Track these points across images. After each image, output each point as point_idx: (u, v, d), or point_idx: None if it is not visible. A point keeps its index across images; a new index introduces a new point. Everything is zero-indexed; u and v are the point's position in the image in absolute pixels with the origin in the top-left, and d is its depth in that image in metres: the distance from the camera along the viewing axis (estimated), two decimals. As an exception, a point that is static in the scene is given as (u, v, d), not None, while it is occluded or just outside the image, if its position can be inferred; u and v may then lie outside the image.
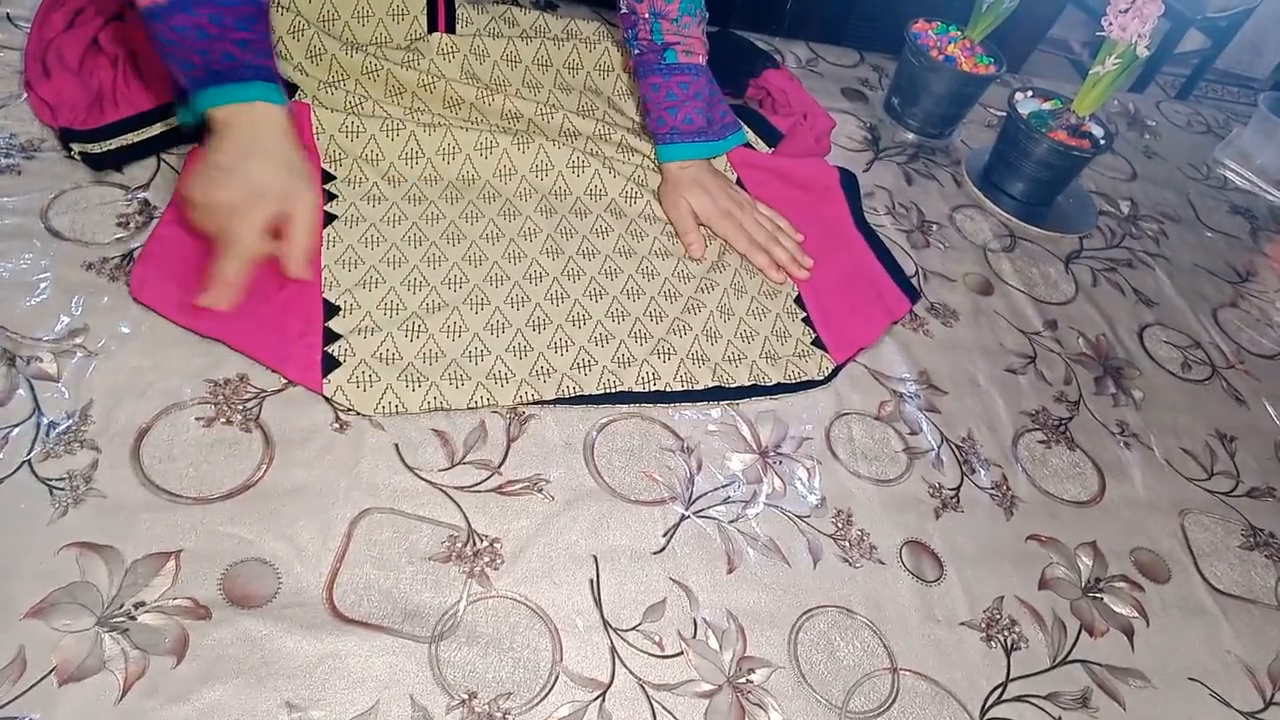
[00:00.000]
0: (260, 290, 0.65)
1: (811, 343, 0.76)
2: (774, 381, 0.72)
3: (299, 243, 0.66)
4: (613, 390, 0.68)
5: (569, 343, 0.70)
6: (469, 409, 0.64)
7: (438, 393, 0.64)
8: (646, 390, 0.69)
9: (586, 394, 0.67)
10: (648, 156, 0.86)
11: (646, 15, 0.82)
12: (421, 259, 0.72)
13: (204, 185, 0.64)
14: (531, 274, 0.74)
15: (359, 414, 0.62)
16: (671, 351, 0.71)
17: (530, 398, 0.66)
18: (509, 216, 0.78)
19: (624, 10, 0.84)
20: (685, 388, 0.70)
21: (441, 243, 0.74)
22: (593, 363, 0.69)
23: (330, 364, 0.63)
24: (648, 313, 0.74)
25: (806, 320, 0.78)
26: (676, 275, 0.78)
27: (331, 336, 0.65)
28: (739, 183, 0.88)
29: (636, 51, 0.84)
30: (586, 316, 0.72)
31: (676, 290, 0.76)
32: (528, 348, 0.69)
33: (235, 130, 0.64)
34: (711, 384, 0.70)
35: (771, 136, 0.93)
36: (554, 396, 0.66)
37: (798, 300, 0.80)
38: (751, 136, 0.93)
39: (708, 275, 0.79)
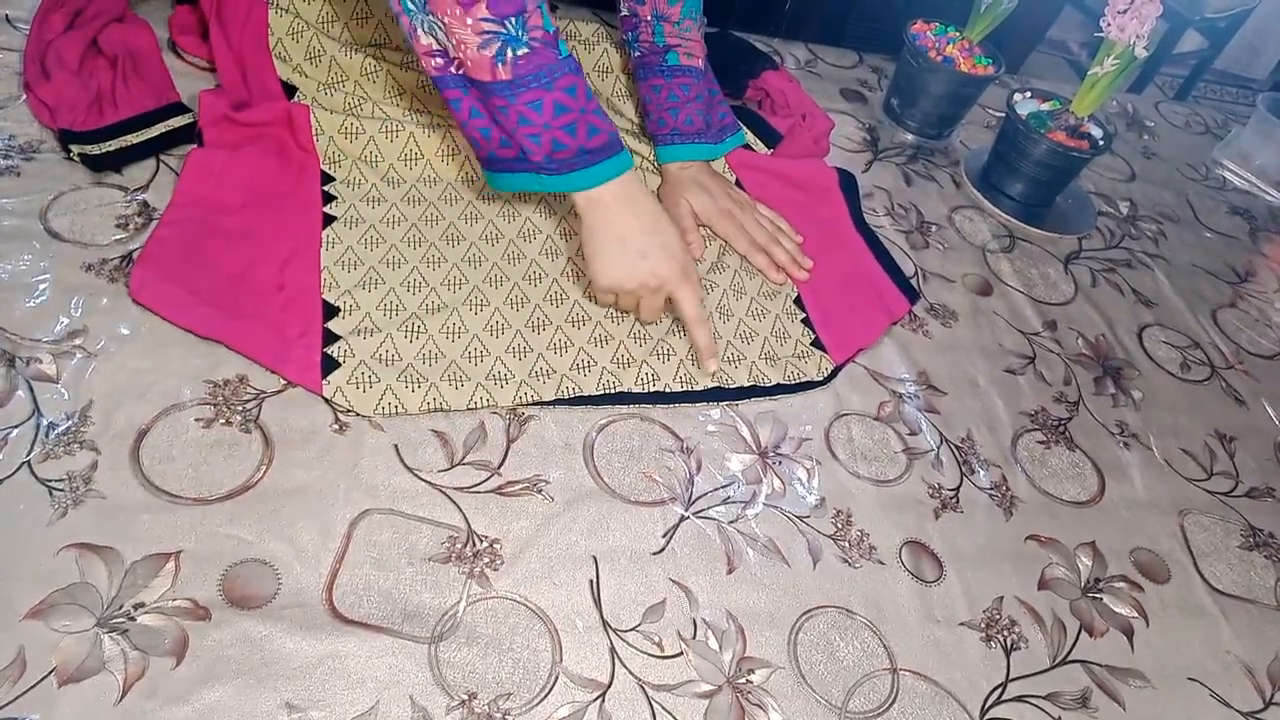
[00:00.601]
0: (260, 291, 0.65)
1: (811, 343, 0.76)
2: (773, 382, 0.72)
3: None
4: (612, 391, 0.68)
5: (568, 343, 0.70)
6: (469, 410, 0.64)
7: (437, 393, 0.64)
8: (646, 391, 0.69)
9: (586, 395, 0.67)
10: (647, 158, 0.86)
11: (649, 18, 0.82)
12: (421, 260, 0.72)
13: (646, 265, 0.67)
14: (531, 275, 0.74)
15: (358, 415, 0.62)
16: (671, 352, 0.71)
17: (530, 398, 0.66)
18: (508, 218, 0.78)
19: (625, 13, 0.84)
20: (685, 388, 0.70)
21: (441, 243, 0.74)
22: (592, 363, 0.69)
23: (330, 365, 0.63)
24: None
25: (806, 321, 0.78)
26: None
27: (331, 338, 0.65)
28: (738, 184, 0.88)
29: (637, 53, 0.84)
30: (586, 317, 0.72)
31: None
32: (527, 348, 0.69)
33: (625, 205, 0.67)
34: (711, 385, 0.70)
35: (770, 138, 0.93)
36: (554, 397, 0.66)
37: (797, 301, 0.80)
38: (750, 137, 0.93)
39: (707, 276, 0.79)
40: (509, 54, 0.60)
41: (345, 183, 0.76)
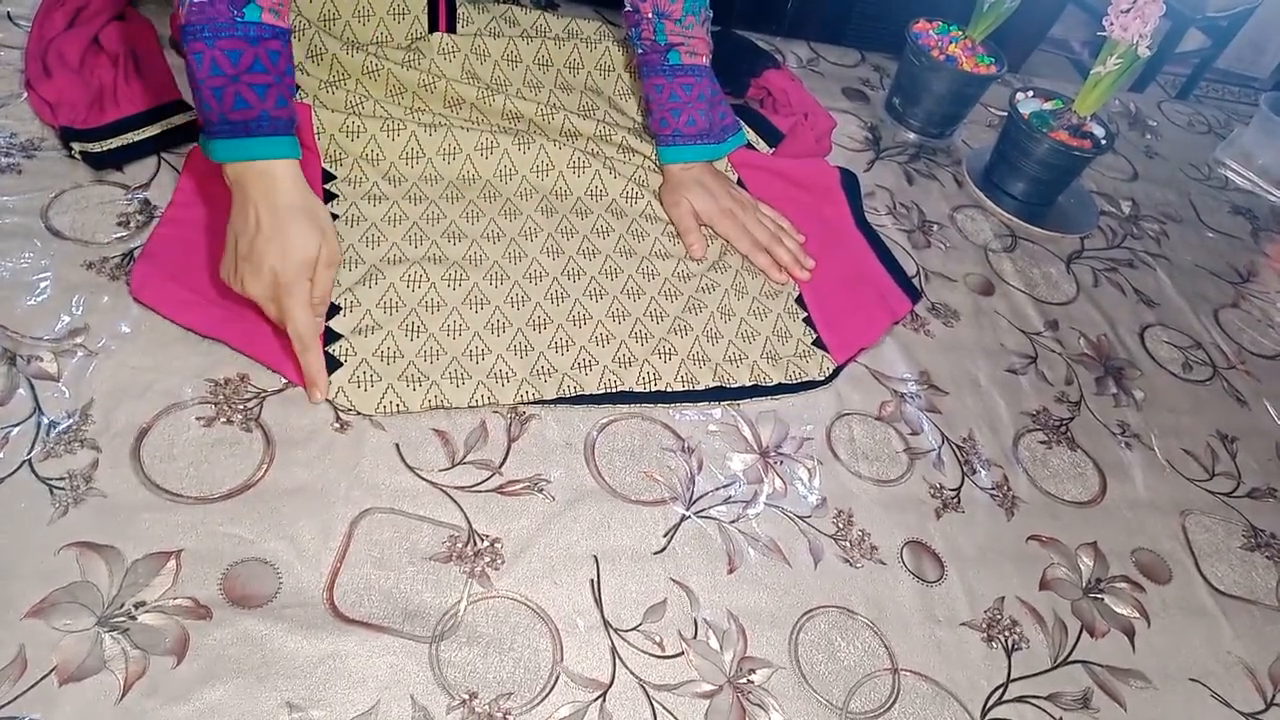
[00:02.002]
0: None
1: (813, 343, 0.76)
2: (775, 382, 0.72)
3: (320, 288, 0.63)
4: (613, 390, 0.68)
5: (569, 342, 0.70)
6: (470, 408, 0.64)
7: (439, 391, 0.64)
8: (647, 390, 0.68)
9: (587, 394, 0.67)
10: (649, 157, 0.86)
11: (650, 15, 0.82)
12: (422, 258, 0.72)
13: (239, 275, 0.61)
14: (532, 273, 0.74)
15: (360, 414, 0.62)
16: (672, 351, 0.71)
17: (531, 397, 0.66)
18: (510, 216, 0.78)
19: (628, 8, 0.84)
20: (686, 388, 0.70)
21: (442, 242, 0.74)
22: (593, 362, 0.69)
23: (332, 364, 0.63)
24: (648, 313, 0.74)
25: (808, 320, 0.78)
26: (677, 275, 0.78)
27: (332, 336, 0.65)
28: (740, 183, 0.88)
29: (640, 51, 0.84)
30: (587, 316, 0.72)
31: (677, 290, 0.76)
32: (528, 347, 0.69)
33: (250, 195, 0.61)
34: (712, 384, 0.70)
35: (773, 136, 0.93)
36: (555, 396, 0.66)
37: (799, 300, 0.80)
38: (752, 136, 0.93)
39: (709, 275, 0.79)
40: None
41: (346, 181, 0.76)
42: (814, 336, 0.77)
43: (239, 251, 0.61)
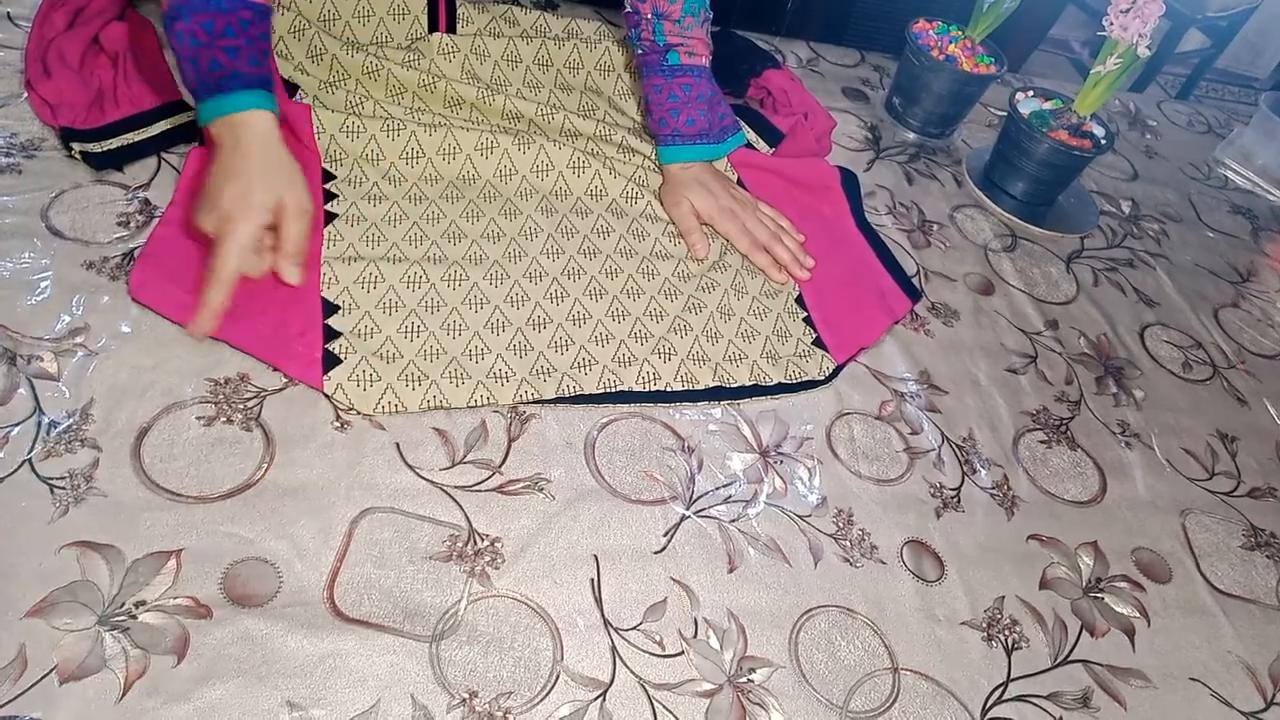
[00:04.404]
0: (260, 289, 0.65)
1: (813, 343, 0.76)
2: (775, 381, 0.72)
3: (290, 241, 0.65)
4: (613, 390, 0.68)
5: (569, 342, 0.70)
6: (469, 408, 0.64)
7: (438, 391, 0.64)
8: (646, 390, 0.68)
9: (587, 393, 0.67)
10: (648, 157, 0.86)
11: (649, 15, 0.82)
12: (422, 257, 0.72)
13: (200, 209, 0.64)
14: (532, 273, 0.74)
15: (359, 414, 0.62)
16: (672, 351, 0.71)
17: (530, 396, 0.66)
18: (509, 215, 0.78)
19: (628, 9, 0.84)
20: (686, 387, 0.70)
21: (442, 241, 0.74)
22: (593, 362, 0.69)
23: (331, 361, 0.63)
24: (648, 312, 0.74)
25: (807, 320, 0.78)
26: (677, 275, 0.78)
27: (331, 334, 0.65)
28: (740, 182, 0.88)
29: (639, 51, 0.84)
30: (587, 316, 0.72)
31: (677, 290, 0.76)
32: (528, 347, 0.69)
33: (223, 146, 0.65)
34: (712, 384, 0.70)
35: (773, 136, 0.93)
36: (554, 395, 0.66)
37: (799, 300, 0.80)
38: (752, 136, 0.93)
39: (708, 275, 0.79)
40: None
41: (346, 181, 0.76)
42: (814, 336, 0.77)
43: (204, 191, 0.64)
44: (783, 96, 0.96)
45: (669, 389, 0.69)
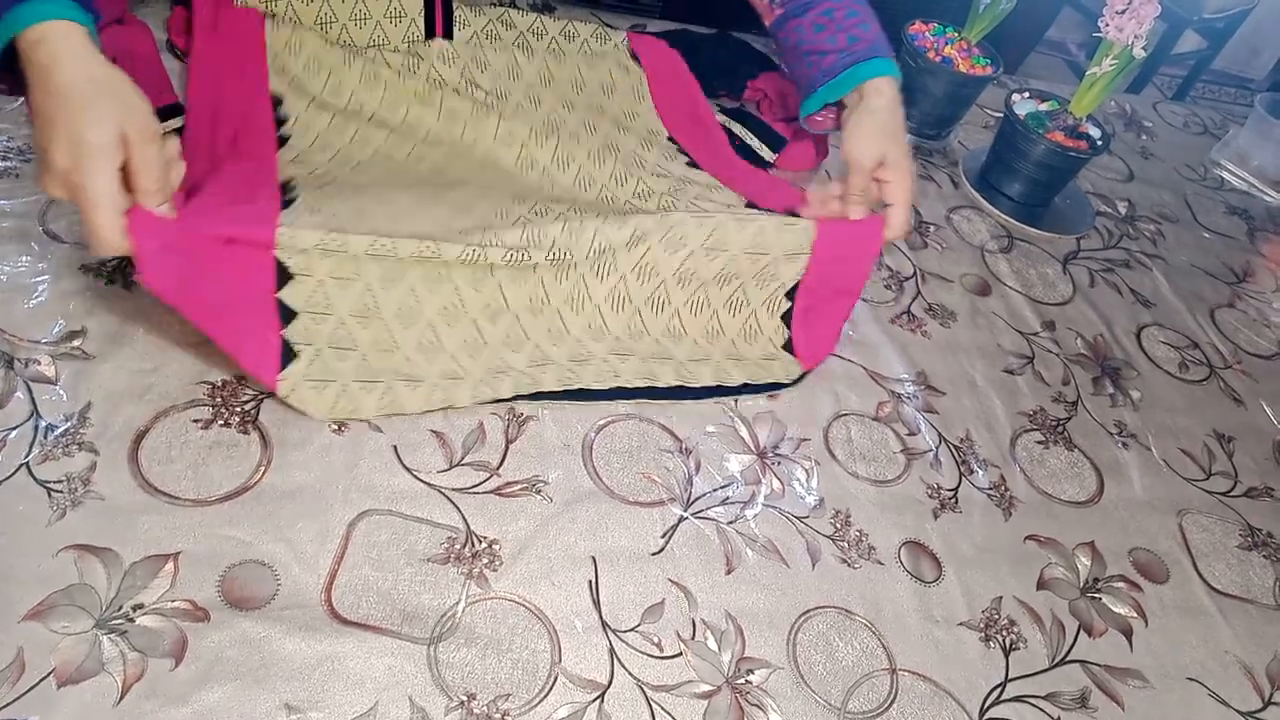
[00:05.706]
0: (211, 252, 0.58)
1: (782, 346, 0.75)
2: (739, 382, 0.71)
3: (144, 175, 0.54)
4: (572, 388, 0.67)
5: (523, 338, 0.68)
6: (425, 413, 0.63)
7: (393, 396, 0.62)
8: (606, 388, 0.67)
9: (545, 390, 0.66)
10: (641, 179, 0.82)
11: None
12: (385, 233, 0.64)
13: (38, 170, 0.53)
14: (489, 255, 0.66)
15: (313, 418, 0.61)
16: (630, 352, 0.70)
17: (487, 397, 0.65)
18: (488, 197, 0.75)
19: None
20: (647, 383, 0.69)
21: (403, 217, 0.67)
22: (549, 361, 0.68)
23: (288, 355, 0.60)
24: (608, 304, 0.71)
25: (785, 317, 0.75)
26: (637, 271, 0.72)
27: (287, 314, 0.61)
28: (692, 164, 0.86)
29: (780, 11, 0.78)
30: (545, 302, 0.68)
31: (669, 298, 0.74)
32: (481, 341, 0.66)
33: (33, 80, 0.52)
34: (674, 383, 0.69)
35: (775, 142, 0.93)
36: (511, 395, 0.65)
37: (790, 293, 0.74)
38: (755, 143, 0.93)
39: (685, 264, 0.72)
40: None
41: (306, 182, 0.70)
42: (785, 338, 0.75)
43: (34, 145, 0.54)
44: (780, 99, 0.96)
45: (629, 385, 0.68)
